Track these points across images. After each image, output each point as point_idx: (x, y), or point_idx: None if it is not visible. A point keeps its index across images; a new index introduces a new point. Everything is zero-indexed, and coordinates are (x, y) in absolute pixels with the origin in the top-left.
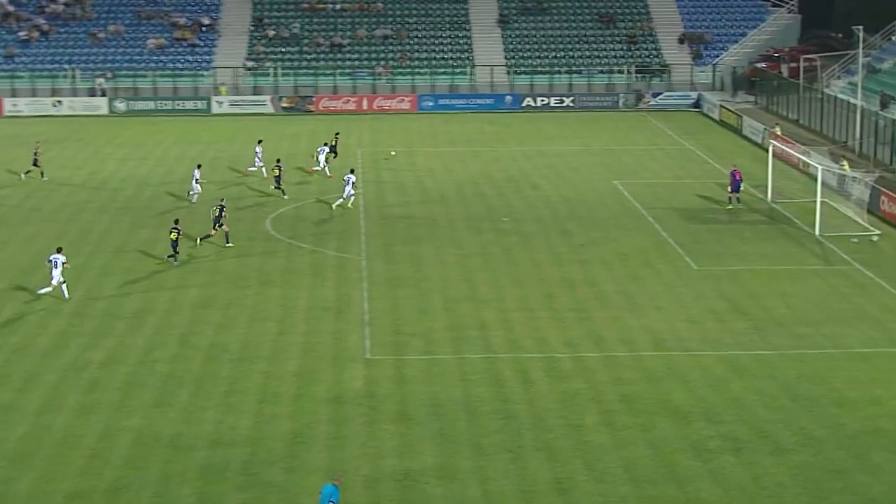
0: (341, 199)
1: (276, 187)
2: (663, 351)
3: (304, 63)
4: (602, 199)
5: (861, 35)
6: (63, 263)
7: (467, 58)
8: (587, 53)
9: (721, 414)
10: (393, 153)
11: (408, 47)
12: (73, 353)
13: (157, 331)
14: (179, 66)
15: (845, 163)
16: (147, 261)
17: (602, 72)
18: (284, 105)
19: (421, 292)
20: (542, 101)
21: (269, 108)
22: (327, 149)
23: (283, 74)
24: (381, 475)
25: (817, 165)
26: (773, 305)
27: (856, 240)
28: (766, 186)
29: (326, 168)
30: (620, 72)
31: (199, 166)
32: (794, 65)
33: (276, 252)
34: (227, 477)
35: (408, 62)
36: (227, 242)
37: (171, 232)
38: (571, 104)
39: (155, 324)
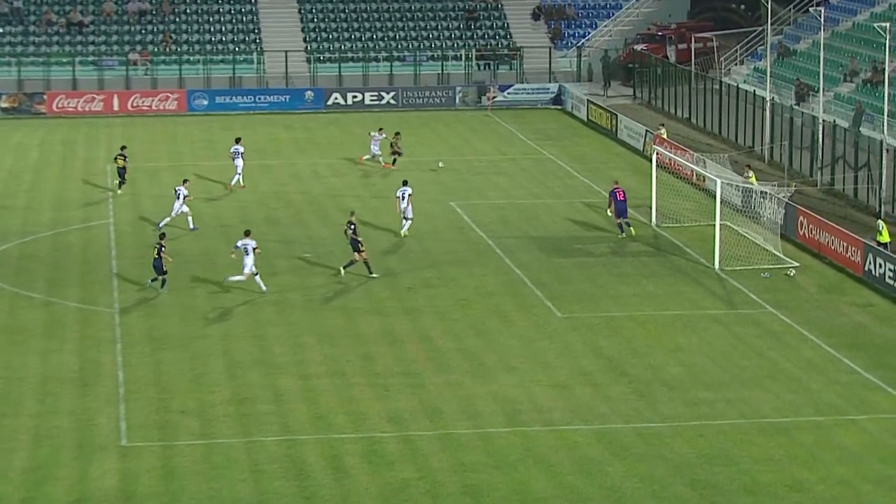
0: (408, 222)
1: (120, 182)
2: (519, 426)
3: (31, 48)
4: (436, 226)
5: (769, 6)
6: (255, 249)
7: (254, 41)
8: (412, 34)
9: None
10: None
11: (173, 27)
12: None
13: None
14: None
15: (751, 174)
16: None
17: (433, 58)
18: (4, 105)
19: (194, 355)
20: (355, 97)
21: None
22: (381, 136)
23: (2, 64)
24: None
25: (715, 178)
26: (663, 363)
27: (766, 274)
28: (650, 207)
29: (381, 157)
30: (457, 58)
31: (185, 181)
32: (683, 46)
33: None
34: None
35: (173, 47)
36: (371, 272)
37: (155, 249)
38: (393, 101)
39: None
